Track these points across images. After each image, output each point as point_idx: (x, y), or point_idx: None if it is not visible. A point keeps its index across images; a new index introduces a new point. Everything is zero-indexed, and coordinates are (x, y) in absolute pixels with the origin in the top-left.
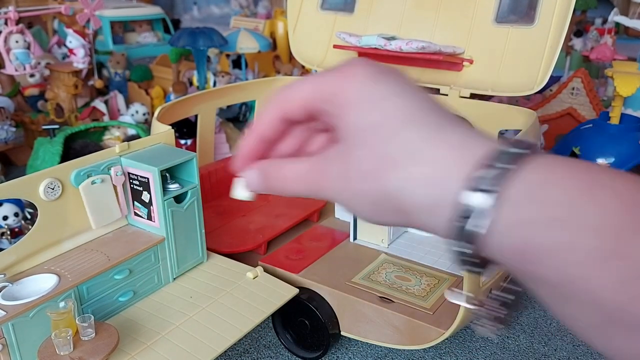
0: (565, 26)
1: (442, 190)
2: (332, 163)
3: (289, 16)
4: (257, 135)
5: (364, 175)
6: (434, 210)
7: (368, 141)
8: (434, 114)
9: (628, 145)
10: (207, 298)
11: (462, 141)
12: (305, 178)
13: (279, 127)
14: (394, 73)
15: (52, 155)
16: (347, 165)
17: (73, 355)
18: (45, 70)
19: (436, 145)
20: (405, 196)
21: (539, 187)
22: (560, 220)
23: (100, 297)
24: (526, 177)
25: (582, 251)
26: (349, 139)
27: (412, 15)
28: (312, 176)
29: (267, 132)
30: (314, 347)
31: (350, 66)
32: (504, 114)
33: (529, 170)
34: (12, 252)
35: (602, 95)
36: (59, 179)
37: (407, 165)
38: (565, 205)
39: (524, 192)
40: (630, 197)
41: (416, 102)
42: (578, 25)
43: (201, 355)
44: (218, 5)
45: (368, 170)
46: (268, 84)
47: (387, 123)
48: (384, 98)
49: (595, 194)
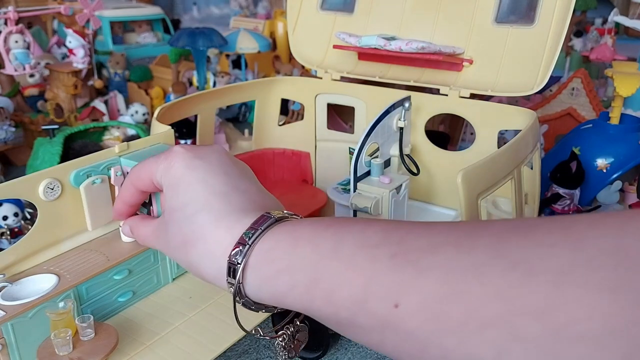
0: (565, 26)
1: (220, 265)
2: (161, 232)
3: (288, 16)
4: (123, 202)
5: (175, 247)
6: (219, 278)
7: (176, 221)
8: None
9: (628, 145)
10: (206, 298)
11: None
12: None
13: (137, 196)
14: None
15: (51, 155)
16: (167, 238)
17: (72, 355)
18: (45, 71)
19: (216, 230)
20: (201, 269)
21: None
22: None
23: (99, 297)
24: (261, 247)
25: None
26: (166, 216)
27: (412, 16)
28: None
29: (130, 200)
30: (314, 347)
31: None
32: (504, 114)
33: (263, 241)
34: (11, 252)
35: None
36: (58, 179)
37: (198, 245)
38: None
39: (260, 259)
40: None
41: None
42: (578, 26)
43: (201, 356)
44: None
45: (178, 244)
46: (268, 84)
47: (188, 207)
48: (190, 184)
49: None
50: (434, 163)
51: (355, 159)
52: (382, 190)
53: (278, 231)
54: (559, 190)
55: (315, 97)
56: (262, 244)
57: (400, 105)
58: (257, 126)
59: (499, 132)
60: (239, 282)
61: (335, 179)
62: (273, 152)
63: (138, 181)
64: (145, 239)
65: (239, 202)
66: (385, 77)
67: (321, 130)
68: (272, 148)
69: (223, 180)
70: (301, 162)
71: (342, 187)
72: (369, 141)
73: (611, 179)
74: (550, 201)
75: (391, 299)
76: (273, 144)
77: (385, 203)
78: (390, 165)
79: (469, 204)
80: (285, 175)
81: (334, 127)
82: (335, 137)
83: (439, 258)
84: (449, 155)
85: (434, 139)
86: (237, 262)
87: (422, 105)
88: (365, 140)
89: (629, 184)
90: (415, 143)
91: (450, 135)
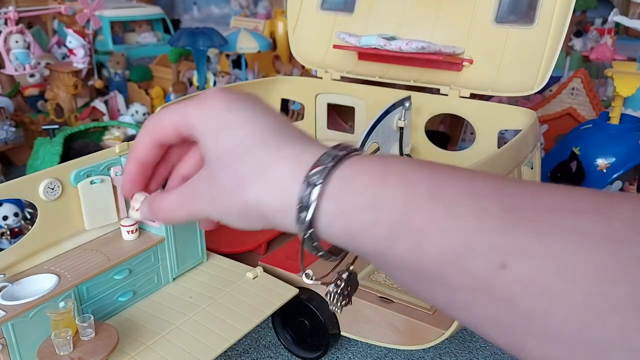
0: (565, 26)
1: (289, 194)
2: (200, 187)
3: (288, 16)
4: (136, 160)
5: (229, 193)
6: (286, 212)
7: (226, 163)
8: (276, 135)
9: (628, 145)
10: (207, 298)
11: (299, 153)
12: (180, 205)
13: (154, 151)
14: (245, 100)
15: (52, 155)
16: (214, 187)
17: (73, 355)
18: (45, 70)
19: (279, 160)
20: (264, 205)
21: (349, 180)
22: (366, 204)
23: (100, 297)
24: (341, 174)
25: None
26: (211, 163)
27: (412, 16)
28: (185, 203)
29: (145, 157)
30: (313, 347)
31: (208, 97)
32: (504, 114)
33: (342, 168)
34: (12, 252)
35: (602, 96)
36: (58, 179)
37: (259, 180)
38: (366, 194)
39: (338, 187)
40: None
41: (262, 126)
42: (578, 26)
43: (201, 355)
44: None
45: (231, 188)
46: (268, 84)
47: (240, 146)
48: (235, 126)
49: (387, 180)
50: None
51: None
52: None
53: (361, 160)
54: None
55: (315, 97)
56: (343, 171)
57: (400, 105)
58: None
59: (499, 132)
60: (315, 208)
61: None
62: None
63: (159, 131)
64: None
65: (296, 136)
66: (385, 77)
67: (321, 130)
68: None
69: (271, 119)
70: None
71: None
72: (369, 141)
73: (611, 178)
74: None
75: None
76: None
77: None
78: None
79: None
80: None
81: (334, 127)
82: (335, 137)
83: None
84: (449, 155)
85: (434, 139)
86: (316, 183)
87: (422, 105)
88: (366, 140)
89: (629, 183)
90: (415, 143)
91: (450, 135)
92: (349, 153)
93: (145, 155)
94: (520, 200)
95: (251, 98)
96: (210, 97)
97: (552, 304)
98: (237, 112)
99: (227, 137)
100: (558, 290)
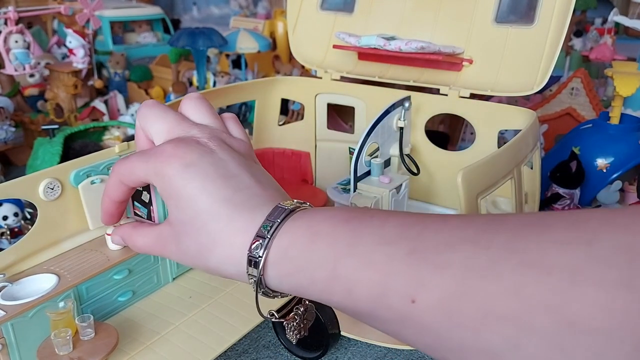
0: (565, 26)
1: (240, 264)
2: (169, 242)
3: (288, 16)
4: (112, 200)
5: (191, 257)
6: (240, 275)
7: (188, 233)
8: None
9: (628, 145)
10: (206, 298)
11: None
12: (155, 249)
13: (125, 192)
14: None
15: (51, 155)
16: (180, 248)
17: (72, 355)
18: (45, 70)
19: (229, 234)
20: (222, 271)
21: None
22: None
23: (99, 297)
24: (279, 244)
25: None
26: (175, 227)
27: (411, 16)
28: (158, 249)
29: (117, 196)
30: (313, 347)
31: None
32: (504, 114)
33: (280, 237)
34: (11, 252)
35: (602, 95)
36: (58, 179)
37: (215, 252)
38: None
39: (278, 256)
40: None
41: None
42: (578, 25)
43: (200, 355)
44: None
45: (194, 254)
46: (268, 84)
47: (196, 221)
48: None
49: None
50: (434, 163)
51: (355, 158)
52: (382, 190)
53: (295, 225)
54: (559, 190)
55: (315, 97)
56: (280, 240)
57: (400, 105)
58: (257, 126)
59: (499, 132)
60: (260, 274)
61: (335, 178)
62: (273, 152)
63: (127, 177)
64: (147, 248)
65: (245, 202)
66: (385, 77)
67: (321, 130)
68: (272, 148)
69: (222, 184)
70: (301, 162)
71: (342, 186)
72: (369, 141)
73: (611, 178)
74: (550, 201)
75: (408, 295)
76: (273, 143)
77: (385, 203)
78: (390, 165)
79: (469, 203)
80: (285, 175)
81: (334, 127)
82: (335, 137)
83: (457, 255)
84: (449, 155)
85: (434, 139)
86: (258, 255)
87: (422, 105)
88: (365, 140)
89: (629, 183)
90: (415, 143)
91: (450, 135)
92: (286, 217)
93: (117, 195)
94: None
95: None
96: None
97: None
98: (190, 181)
99: (185, 208)
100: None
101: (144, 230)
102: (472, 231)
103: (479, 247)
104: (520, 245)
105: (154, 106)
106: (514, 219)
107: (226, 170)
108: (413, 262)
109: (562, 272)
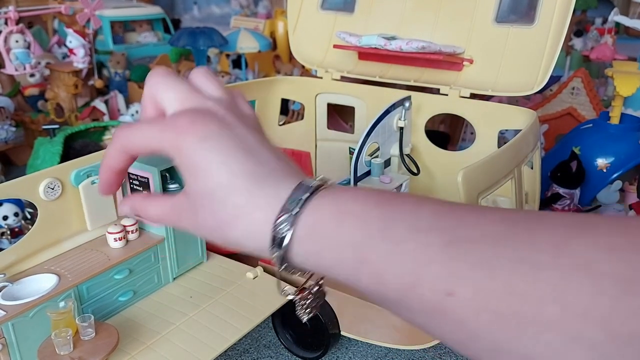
0: (565, 26)
1: (263, 239)
2: (184, 213)
3: (289, 16)
4: (107, 168)
5: (209, 229)
6: (262, 250)
7: (206, 206)
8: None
9: (628, 145)
10: (207, 298)
11: (270, 199)
12: (170, 219)
13: (125, 161)
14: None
15: (52, 155)
16: (198, 220)
17: (73, 354)
18: (46, 70)
19: (252, 208)
20: (242, 245)
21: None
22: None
23: (100, 296)
24: (305, 221)
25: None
26: (193, 199)
27: (412, 15)
28: (173, 219)
29: (116, 166)
30: (314, 347)
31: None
32: (504, 114)
33: (306, 214)
34: (12, 252)
35: (602, 95)
36: (59, 178)
37: (237, 225)
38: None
39: (304, 233)
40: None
41: (236, 169)
42: (578, 25)
43: (201, 355)
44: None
45: (213, 227)
46: (268, 84)
47: (217, 192)
48: (210, 168)
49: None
50: (434, 163)
51: (356, 158)
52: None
53: (321, 202)
54: (559, 190)
55: (315, 97)
56: (307, 217)
57: (400, 105)
58: None
59: (499, 132)
60: (284, 250)
61: (336, 178)
62: None
63: (131, 145)
64: (161, 218)
65: (267, 176)
66: (386, 76)
67: (321, 130)
68: None
69: (242, 158)
70: (301, 162)
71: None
72: (369, 141)
73: (611, 178)
74: (551, 201)
75: (444, 288)
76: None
77: None
78: (391, 165)
79: (469, 203)
80: None
81: (334, 127)
82: (335, 137)
83: (499, 252)
84: (449, 155)
85: (434, 139)
86: (284, 230)
87: (422, 105)
88: (366, 140)
89: (629, 183)
90: (415, 143)
91: (450, 135)
92: (312, 193)
93: (116, 164)
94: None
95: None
96: (181, 134)
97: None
98: (211, 152)
99: (204, 181)
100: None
101: (158, 200)
102: (512, 227)
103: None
104: (566, 249)
105: (166, 74)
106: (555, 218)
107: (246, 144)
108: (452, 254)
109: (611, 279)
